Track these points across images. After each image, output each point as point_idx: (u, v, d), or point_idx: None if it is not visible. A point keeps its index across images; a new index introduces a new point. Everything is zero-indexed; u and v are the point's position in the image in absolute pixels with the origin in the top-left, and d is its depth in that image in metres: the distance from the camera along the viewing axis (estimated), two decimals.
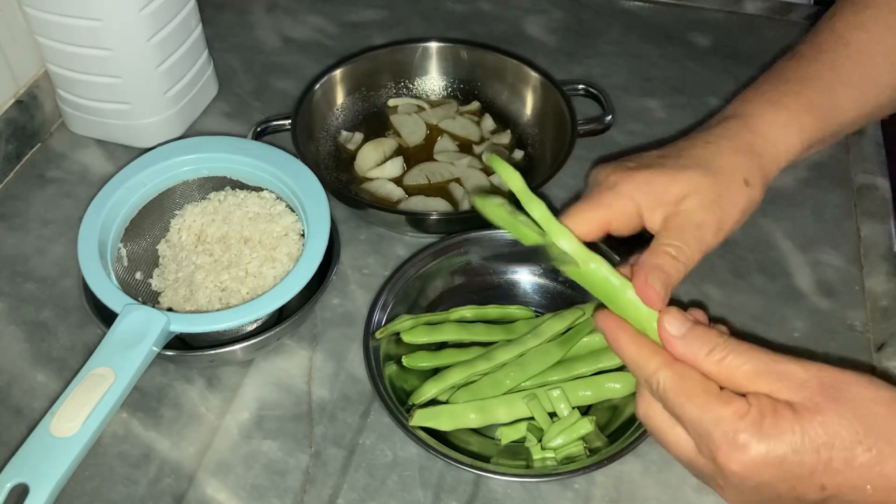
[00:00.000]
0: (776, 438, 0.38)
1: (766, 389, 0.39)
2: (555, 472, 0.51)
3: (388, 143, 0.75)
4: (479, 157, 0.74)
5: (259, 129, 0.71)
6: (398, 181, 0.72)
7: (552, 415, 0.54)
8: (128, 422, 0.57)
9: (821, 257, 0.67)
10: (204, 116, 0.80)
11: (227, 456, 0.55)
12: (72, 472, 0.47)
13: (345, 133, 0.76)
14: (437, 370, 0.57)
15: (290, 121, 0.70)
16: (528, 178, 0.73)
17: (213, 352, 0.57)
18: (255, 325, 0.60)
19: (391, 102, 0.79)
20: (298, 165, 0.63)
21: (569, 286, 0.62)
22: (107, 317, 0.55)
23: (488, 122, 0.77)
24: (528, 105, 0.76)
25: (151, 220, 0.64)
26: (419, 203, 0.70)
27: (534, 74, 0.75)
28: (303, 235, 0.62)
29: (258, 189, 0.65)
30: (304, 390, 0.59)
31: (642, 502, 0.53)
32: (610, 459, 0.50)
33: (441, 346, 0.59)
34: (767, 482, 0.39)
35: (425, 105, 0.79)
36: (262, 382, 0.59)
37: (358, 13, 0.92)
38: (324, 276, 0.59)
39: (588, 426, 0.52)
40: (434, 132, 0.77)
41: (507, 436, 0.54)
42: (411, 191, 0.71)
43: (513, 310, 0.61)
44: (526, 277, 0.63)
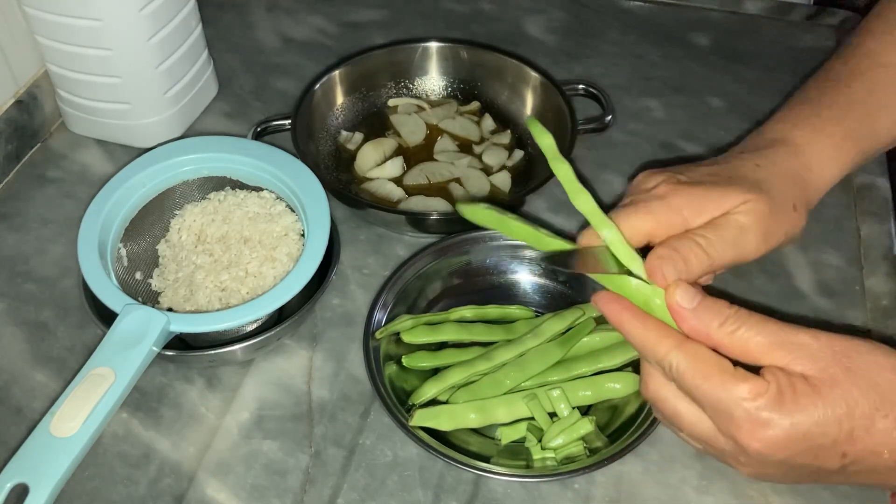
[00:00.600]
0: (798, 414, 0.39)
1: (780, 362, 0.40)
2: (555, 472, 0.51)
3: (388, 143, 0.75)
4: (478, 156, 0.74)
5: (259, 129, 0.70)
6: (398, 181, 0.72)
7: (552, 415, 0.54)
8: (128, 422, 0.57)
9: (821, 257, 0.67)
10: (204, 116, 0.80)
11: (227, 456, 0.55)
12: (72, 472, 0.47)
13: (345, 133, 0.76)
14: (437, 370, 0.57)
15: (290, 121, 0.70)
16: (527, 179, 0.74)
17: (213, 352, 0.57)
18: (255, 325, 0.60)
19: (391, 102, 0.79)
20: (298, 165, 0.63)
21: (569, 286, 0.62)
22: (107, 317, 0.55)
23: (488, 122, 0.77)
24: (528, 105, 0.76)
25: (151, 220, 0.64)
26: (419, 203, 0.70)
27: (534, 74, 0.74)
28: (303, 235, 0.62)
29: (258, 189, 0.65)
30: (304, 390, 0.59)
31: (642, 502, 0.53)
32: (610, 459, 0.50)
33: (441, 346, 0.59)
34: (791, 456, 0.40)
35: (425, 105, 0.79)
36: (262, 382, 0.59)
37: (358, 13, 0.92)
38: (324, 276, 0.59)
39: (588, 426, 0.52)
40: (434, 132, 0.77)
41: (507, 436, 0.54)
42: (411, 191, 0.71)
43: (513, 310, 0.61)
44: (526, 277, 0.63)
